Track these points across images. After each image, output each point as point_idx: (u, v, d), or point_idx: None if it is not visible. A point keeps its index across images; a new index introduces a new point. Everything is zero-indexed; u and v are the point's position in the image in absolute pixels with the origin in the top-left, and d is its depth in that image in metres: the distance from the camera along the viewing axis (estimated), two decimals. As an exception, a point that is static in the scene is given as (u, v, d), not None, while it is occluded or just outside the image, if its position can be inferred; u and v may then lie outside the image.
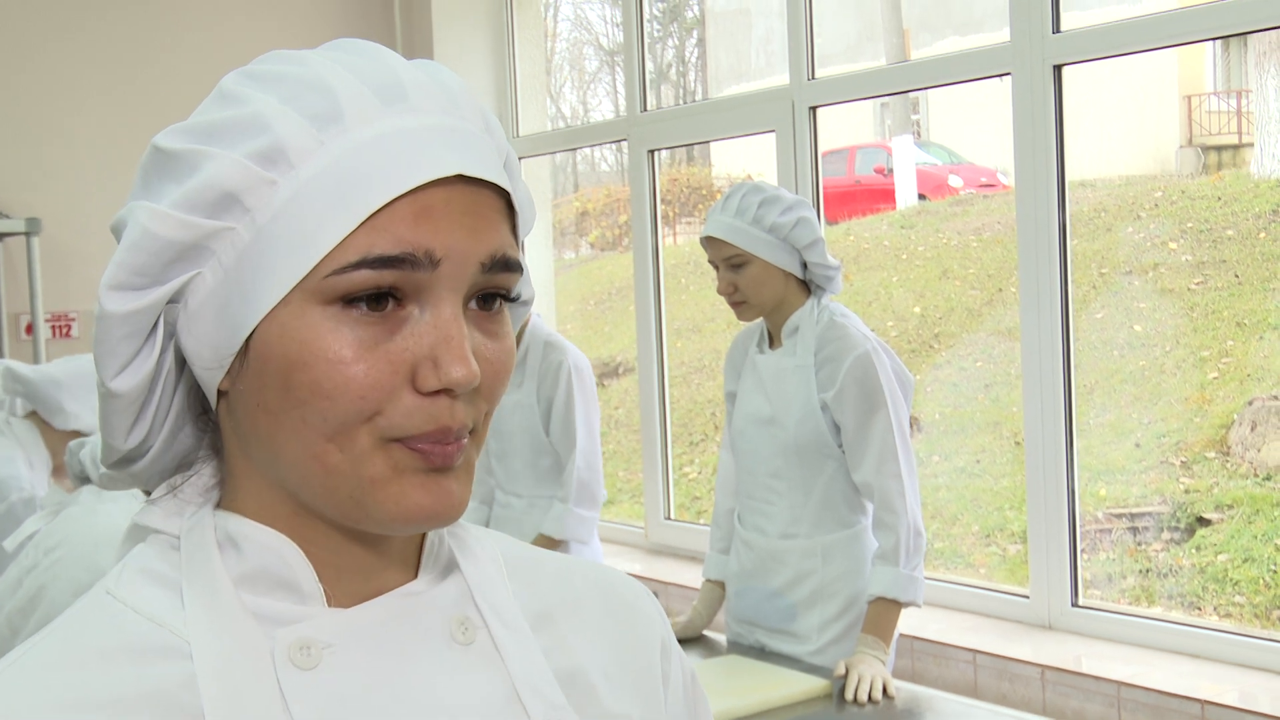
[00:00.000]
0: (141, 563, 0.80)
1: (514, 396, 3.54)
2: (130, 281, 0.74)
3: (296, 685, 0.75)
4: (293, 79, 0.75)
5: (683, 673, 0.94)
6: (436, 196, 0.73)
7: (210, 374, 0.77)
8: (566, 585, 0.90)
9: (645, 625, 0.92)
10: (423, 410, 0.73)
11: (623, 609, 0.91)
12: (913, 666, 3.58)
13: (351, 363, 0.72)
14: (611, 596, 0.92)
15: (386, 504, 0.74)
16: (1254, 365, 6.65)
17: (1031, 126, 3.50)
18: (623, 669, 0.89)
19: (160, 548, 0.80)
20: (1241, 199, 7.71)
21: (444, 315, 0.74)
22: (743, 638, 3.02)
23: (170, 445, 0.82)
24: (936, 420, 7.46)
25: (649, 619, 0.93)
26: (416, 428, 0.73)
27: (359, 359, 0.72)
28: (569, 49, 11.47)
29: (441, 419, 0.74)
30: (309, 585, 0.78)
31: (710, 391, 8.43)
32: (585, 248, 11.67)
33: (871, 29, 10.32)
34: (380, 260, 0.72)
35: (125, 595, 0.78)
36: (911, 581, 2.76)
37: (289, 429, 0.74)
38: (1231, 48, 9.78)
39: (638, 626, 0.91)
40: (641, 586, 0.96)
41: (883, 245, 9.28)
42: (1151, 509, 6.07)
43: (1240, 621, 5.36)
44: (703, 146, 10.96)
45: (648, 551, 4.95)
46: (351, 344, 0.72)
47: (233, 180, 0.73)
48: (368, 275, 0.72)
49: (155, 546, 0.81)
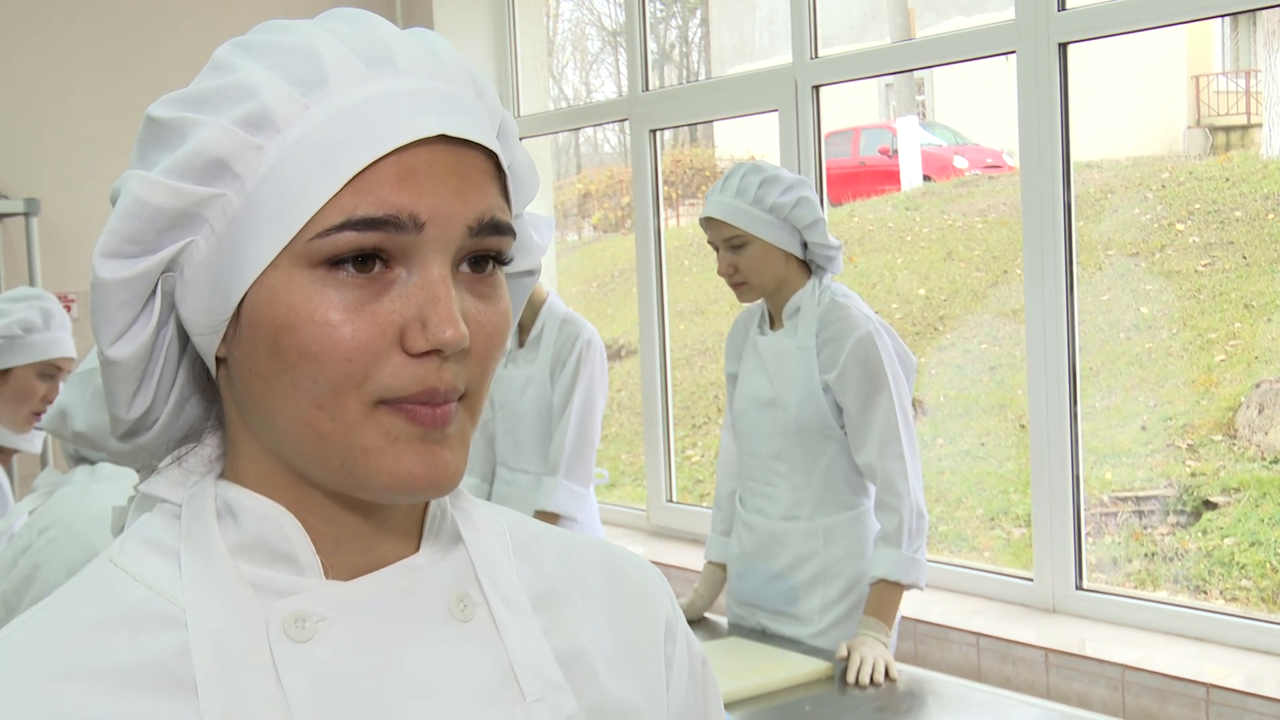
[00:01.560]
0: (144, 532, 0.80)
1: (527, 371, 3.53)
2: (123, 249, 0.75)
3: (290, 657, 0.75)
4: (281, 46, 0.76)
5: (690, 657, 0.93)
6: (420, 158, 0.74)
7: (206, 340, 0.77)
8: (571, 564, 0.90)
9: (650, 607, 0.91)
10: (410, 371, 0.73)
11: (629, 590, 0.91)
12: (915, 649, 3.57)
13: (339, 325, 0.72)
14: (618, 577, 0.91)
15: (381, 472, 0.74)
16: (1261, 347, 6.61)
17: (1036, 106, 3.46)
18: (624, 651, 0.88)
19: (164, 517, 0.81)
20: (1250, 180, 7.66)
21: (431, 277, 0.74)
22: (744, 620, 3.00)
23: (177, 416, 0.83)
24: (941, 403, 7.43)
25: (655, 601, 0.92)
26: (405, 388, 0.73)
27: (346, 321, 0.73)
28: (571, 29, 11.43)
29: (429, 379, 0.74)
30: (306, 557, 0.78)
31: (713, 374, 8.41)
32: (588, 229, 11.64)
33: (876, 8, 10.26)
34: (364, 222, 0.72)
35: (127, 563, 0.79)
36: (914, 564, 2.74)
37: (280, 394, 0.74)
38: (1240, 27, 9.72)
39: (642, 608, 0.91)
40: (652, 568, 0.95)
41: (887, 227, 9.24)
42: (1158, 492, 6.05)
43: (1247, 605, 5.34)
44: (705, 127, 10.92)
45: (650, 534, 4.94)
46: (338, 306, 0.73)
47: (221, 146, 0.73)
48: (351, 237, 0.72)
49: (159, 515, 0.81)
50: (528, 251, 0.87)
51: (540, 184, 0.95)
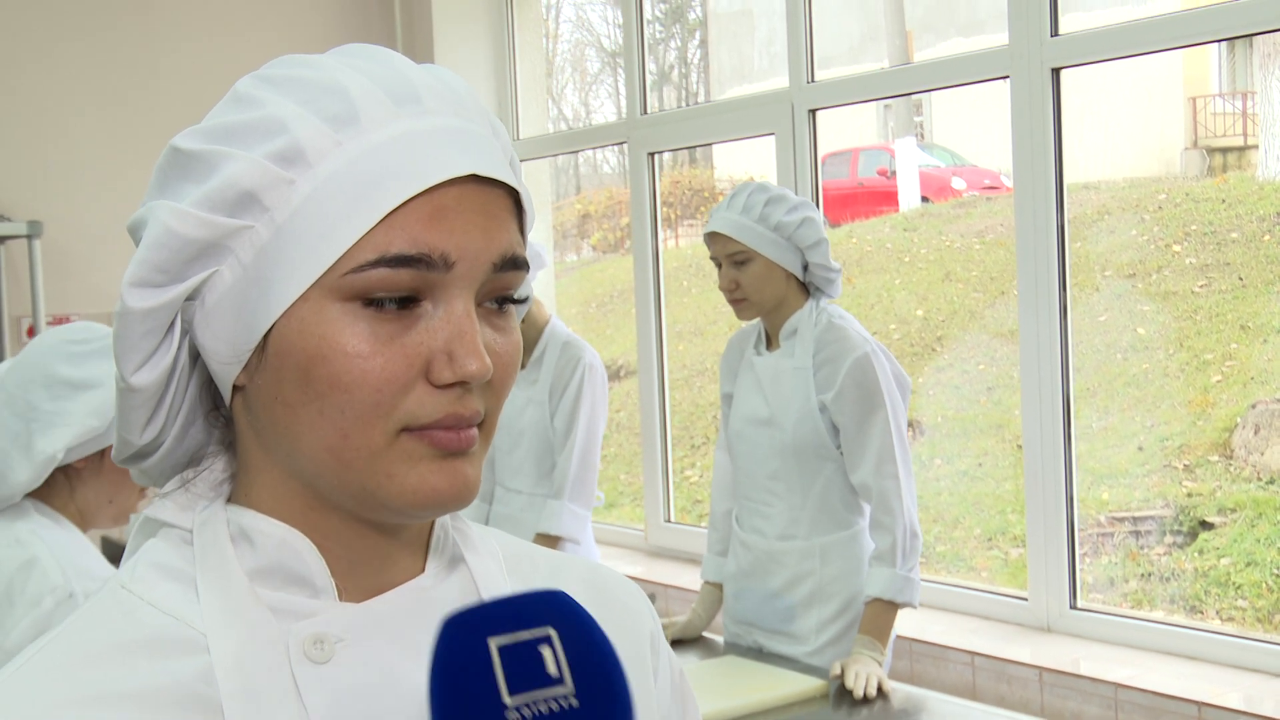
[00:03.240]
0: (154, 557, 0.82)
1: (527, 393, 3.55)
2: (152, 279, 0.76)
3: (311, 678, 0.77)
4: (307, 82, 0.78)
5: (671, 670, 0.96)
6: (450, 196, 0.76)
7: (227, 369, 0.79)
8: (560, 581, 0.92)
9: (635, 621, 0.94)
10: (435, 400, 0.76)
11: (614, 605, 0.93)
12: (911, 668, 3.58)
13: (370, 357, 0.75)
14: (603, 593, 0.94)
15: (405, 492, 0.77)
16: (1257, 368, 6.63)
17: (1030, 130, 3.50)
18: None
19: (173, 542, 0.82)
20: (1246, 201, 7.69)
21: (457, 311, 0.76)
22: (741, 638, 3.02)
23: (181, 441, 0.84)
24: (939, 423, 7.45)
25: (639, 615, 0.95)
26: (429, 416, 0.76)
27: (377, 353, 0.75)
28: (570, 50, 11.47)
29: (453, 407, 0.76)
30: (321, 579, 0.80)
31: (711, 394, 8.42)
32: (587, 250, 11.66)
33: (875, 30, 10.31)
34: (397, 259, 0.74)
35: (140, 589, 0.80)
36: (908, 583, 2.76)
37: (306, 421, 0.76)
38: (1237, 50, 9.76)
39: (628, 623, 0.93)
40: (634, 585, 0.98)
41: (885, 248, 9.27)
42: (1154, 512, 6.06)
43: (1243, 625, 5.35)
44: (704, 149, 10.96)
45: (648, 554, 4.95)
46: (368, 339, 0.75)
47: (252, 180, 0.75)
48: (385, 274, 0.75)
49: (167, 541, 0.82)
50: (526, 281, 0.91)
51: (540, 206, 0.98)
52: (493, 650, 0.68)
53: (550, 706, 0.67)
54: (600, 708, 0.68)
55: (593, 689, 0.68)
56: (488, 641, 0.69)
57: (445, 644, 0.69)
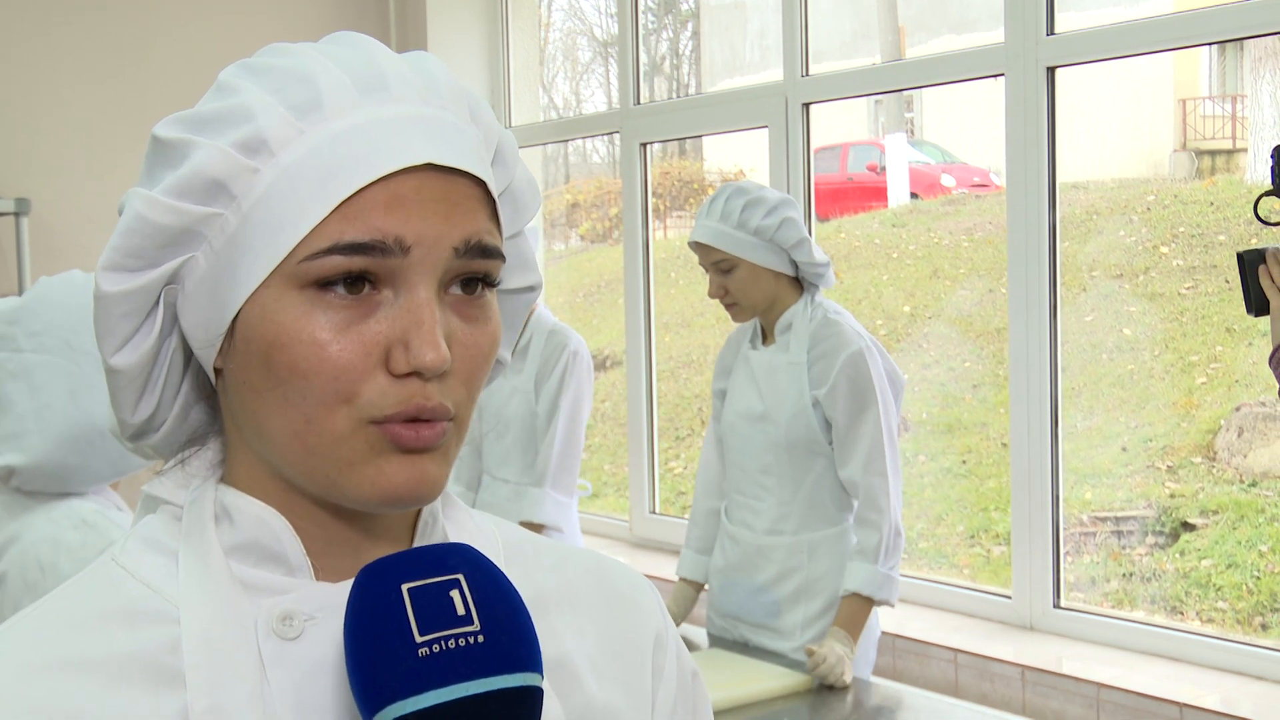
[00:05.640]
0: (146, 532, 0.84)
1: (513, 382, 3.55)
2: (124, 264, 0.78)
3: (276, 654, 0.78)
4: (279, 70, 0.79)
5: (680, 668, 0.95)
6: (408, 185, 0.76)
7: (205, 352, 0.81)
8: (562, 574, 0.92)
9: (639, 617, 0.93)
10: (395, 391, 0.76)
11: (617, 600, 0.93)
12: (894, 664, 3.59)
13: (327, 344, 0.76)
14: (608, 588, 0.94)
15: (363, 484, 0.77)
16: (1242, 371, 6.66)
17: (1023, 128, 3.50)
18: (611, 659, 0.90)
19: (165, 518, 0.85)
20: (1234, 204, 7.71)
21: (417, 299, 0.76)
22: (726, 632, 3.02)
23: (183, 421, 0.86)
24: (924, 420, 7.46)
25: (644, 612, 0.94)
26: (391, 407, 0.76)
27: (334, 340, 0.76)
28: (563, 39, 11.44)
29: (415, 399, 0.76)
30: (296, 558, 0.81)
31: (698, 387, 8.42)
32: (575, 239, 11.65)
33: (867, 26, 10.31)
34: (351, 247, 0.75)
35: (127, 561, 0.83)
36: (888, 580, 2.77)
37: (271, 406, 0.78)
38: (1228, 53, 9.79)
39: (631, 618, 0.93)
40: (643, 580, 0.97)
41: (874, 243, 9.28)
42: (1136, 513, 6.08)
43: (1223, 627, 5.38)
44: (695, 140, 10.96)
45: (632, 545, 4.95)
46: (326, 326, 0.76)
47: (218, 168, 0.76)
48: (339, 261, 0.75)
49: (161, 517, 0.85)
50: (529, 269, 0.90)
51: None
52: (404, 593, 0.71)
53: (459, 642, 0.70)
54: (505, 643, 0.71)
55: (498, 628, 0.71)
56: (400, 586, 0.71)
57: (360, 589, 0.72)
